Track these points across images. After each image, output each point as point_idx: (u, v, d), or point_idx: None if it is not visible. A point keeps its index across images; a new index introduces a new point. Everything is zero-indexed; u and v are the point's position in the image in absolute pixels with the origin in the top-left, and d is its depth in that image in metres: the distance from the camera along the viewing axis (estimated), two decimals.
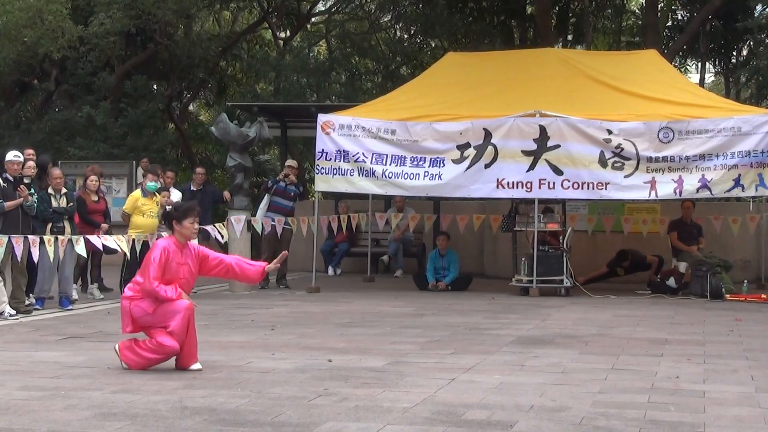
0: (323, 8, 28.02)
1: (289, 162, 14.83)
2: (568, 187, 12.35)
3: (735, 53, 25.18)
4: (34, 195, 10.57)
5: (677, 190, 12.19)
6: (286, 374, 6.41)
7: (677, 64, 23.61)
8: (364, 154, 12.81)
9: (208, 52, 23.11)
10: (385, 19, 26.94)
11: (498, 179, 12.54)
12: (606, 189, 12.30)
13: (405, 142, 12.77)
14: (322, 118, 13.01)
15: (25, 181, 10.47)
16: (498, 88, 13.66)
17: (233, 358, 7.13)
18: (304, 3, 26.34)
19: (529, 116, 12.51)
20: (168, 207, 10.40)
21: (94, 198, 12.43)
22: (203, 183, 14.45)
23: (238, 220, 12.99)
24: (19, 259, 10.26)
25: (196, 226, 6.85)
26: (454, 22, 22.89)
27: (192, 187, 14.16)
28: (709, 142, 12.06)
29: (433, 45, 25.98)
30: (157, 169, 12.78)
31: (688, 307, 11.32)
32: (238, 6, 25.90)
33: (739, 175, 11.99)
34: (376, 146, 12.83)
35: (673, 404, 5.45)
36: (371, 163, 12.79)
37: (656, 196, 12.35)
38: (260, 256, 12.83)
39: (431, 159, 12.72)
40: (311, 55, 26.94)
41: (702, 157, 12.06)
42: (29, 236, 10.32)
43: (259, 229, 13.30)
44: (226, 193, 13.65)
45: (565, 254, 12.62)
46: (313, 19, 28.07)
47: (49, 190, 10.96)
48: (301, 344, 7.93)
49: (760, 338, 8.49)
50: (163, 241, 6.75)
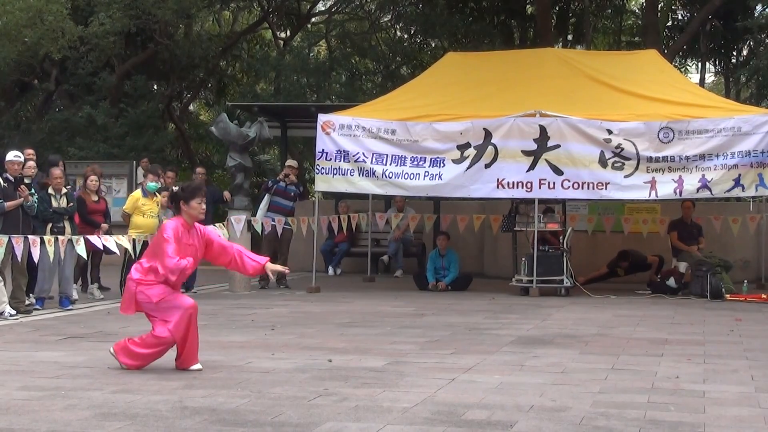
0: (323, 8, 28.02)
1: (289, 162, 14.84)
2: (568, 187, 12.35)
3: (735, 53, 25.17)
4: (35, 195, 10.58)
5: (677, 190, 12.19)
6: (286, 374, 6.41)
7: (677, 64, 23.60)
8: (364, 154, 12.81)
9: (208, 52, 23.11)
10: (385, 19, 26.92)
11: (498, 179, 12.54)
12: (606, 189, 12.31)
13: (405, 142, 12.77)
14: (322, 118, 13.01)
15: (25, 181, 10.48)
16: (498, 88, 13.65)
17: (233, 358, 7.13)
18: (304, 3, 26.33)
19: (529, 116, 12.51)
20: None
21: (94, 198, 12.43)
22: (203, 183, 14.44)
23: (238, 220, 12.99)
24: (19, 259, 10.26)
25: (203, 207, 6.80)
26: (454, 22, 22.87)
27: None
28: (709, 142, 12.07)
29: (433, 45, 25.97)
30: (157, 170, 12.79)
31: (688, 307, 11.33)
32: (238, 6, 25.88)
33: (739, 175, 12.00)
34: (376, 146, 12.83)
35: (673, 404, 5.45)
36: (371, 163, 12.79)
37: (656, 196, 12.35)
38: None
39: (431, 159, 12.72)
40: (311, 55, 26.94)
41: (702, 157, 12.07)
42: (29, 236, 10.32)
43: (259, 229, 13.30)
44: (226, 193, 13.65)
45: (565, 254, 12.62)
46: (313, 19, 28.06)
47: (50, 190, 10.97)
48: (301, 344, 7.93)
49: (760, 338, 8.49)
50: (172, 222, 6.70)
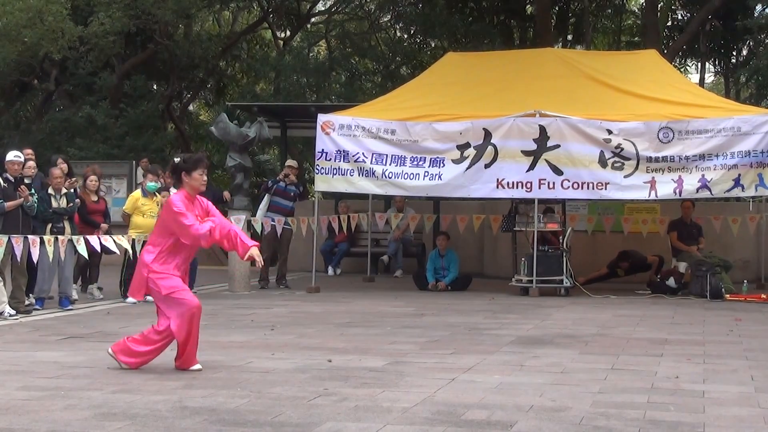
0: (323, 8, 28.03)
1: (289, 162, 14.84)
2: (568, 187, 12.35)
3: (735, 53, 25.18)
4: (34, 195, 10.58)
5: (677, 190, 12.19)
6: (286, 374, 6.41)
7: (677, 64, 23.62)
8: (364, 154, 12.81)
9: (208, 52, 23.12)
10: (385, 19, 26.94)
11: (498, 179, 12.53)
12: (606, 189, 12.30)
13: (405, 142, 12.77)
14: (322, 118, 13.01)
15: (25, 181, 10.48)
16: (498, 88, 13.65)
17: (233, 358, 7.13)
18: (304, 3, 26.34)
19: (529, 116, 12.51)
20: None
21: (94, 198, 12.43)
22: None
23: (238, 220, 12.96)
24: (19, 259, 10.26)
25: (205, 178, 6.73)
26: (454, 22, 22.88)
27: None
28: (709, 142, 12.06)
29: (433, 45, 25.98)
30: (157, 170, 12.78)
31: (688, 307, 11.32)
32: (238, 6, 25.90)
33: (739, 175, 12.00)
34: (376, 146, 12.83)
35: (672, 404, 5.44)
36: (371, 163, 12.79)
37: (656, 196, 12.34)
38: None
39: (431, 159, 12.71)
40: (311, 55, 26.95)
41: (702, 157, 12.06)
42: (29, 236, 10.32)
43: (259, 229, 13.30)
44: (226, 193, 13.64)
45: (565, 254, 12.62)
46: (313, 19, 28.08)
47: (49, 190, 10.96)
48: (301, 344, 7.93)
49: (760, 338, 8.48)
50: (177, 195, 6.65)
